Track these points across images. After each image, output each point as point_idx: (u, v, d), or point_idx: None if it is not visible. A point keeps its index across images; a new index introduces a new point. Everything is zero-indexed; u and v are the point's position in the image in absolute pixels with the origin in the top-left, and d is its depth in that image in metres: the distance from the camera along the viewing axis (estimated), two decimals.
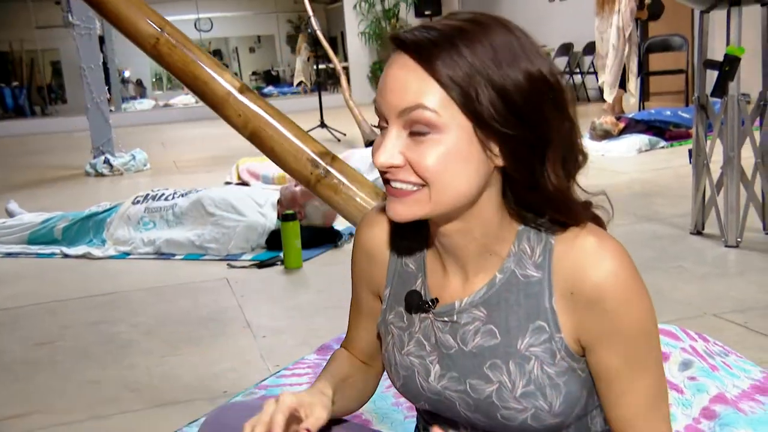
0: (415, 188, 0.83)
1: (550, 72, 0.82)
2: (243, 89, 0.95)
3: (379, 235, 1.00)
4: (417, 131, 0.81)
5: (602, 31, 6.38)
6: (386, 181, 0.85)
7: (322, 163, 0.95)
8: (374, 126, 0.83)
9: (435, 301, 0.93)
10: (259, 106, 0.94)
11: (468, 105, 0.79)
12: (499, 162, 0.83)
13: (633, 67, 6.25)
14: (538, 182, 0.83)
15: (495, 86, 0.79)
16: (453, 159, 0.81)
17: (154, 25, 0.95)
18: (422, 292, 0.95)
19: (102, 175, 6.59)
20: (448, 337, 0.92)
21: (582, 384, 0.89)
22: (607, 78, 6.31)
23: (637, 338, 0.85)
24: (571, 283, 0.85)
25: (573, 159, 0.85)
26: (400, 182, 0.83)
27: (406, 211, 0.84)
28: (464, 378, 0.91)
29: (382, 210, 1.01)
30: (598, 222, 0.90)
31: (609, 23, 6.24)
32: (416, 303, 0.94)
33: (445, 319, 0.92)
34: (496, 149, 0.82)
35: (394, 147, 0.82)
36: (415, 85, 0.80)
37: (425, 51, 0.79)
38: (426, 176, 0.81)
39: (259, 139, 0.95)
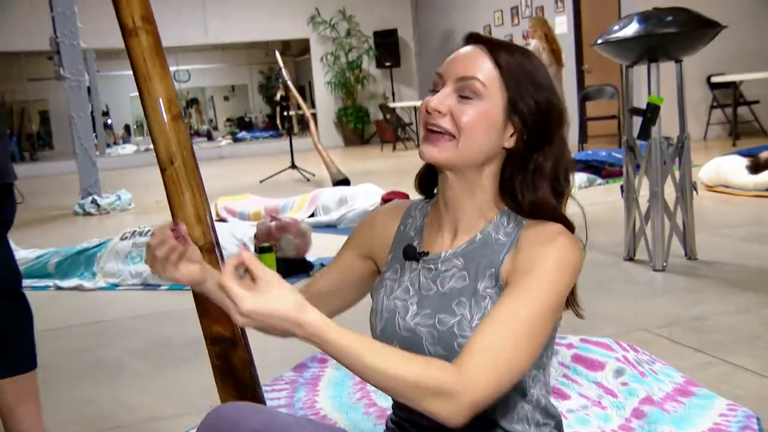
0: (446, 137, 0.99)
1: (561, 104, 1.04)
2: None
3: (391, 221, 1.15)
4: (465, 95, 0.99)
5: None
6: (426, 128, 1.01)
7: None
8: (429, 90, 1.03)
9: (426, 253, 1.07)
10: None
11: (509, 87, 0.99)
12: (509, 144, 1.01)
13: None
14: (529, 173, 1.00)
15: (534, 85, 1.00)
16: (482, 121, 0.99)
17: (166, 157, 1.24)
18: (417, 247, 1.09)
19: (90, 214, 6.54)
20: (430, 282, 1.05)
21: None
22: None
23: (530, 274, 0.94)
24: (523, 245, 1.00)
25: (562, 173, 1.03)
26: (437, 127, 0.99)
27: (437, 153, 1.00)
28: (435, 313, 1.02)
29: (403, 205, 1.17)
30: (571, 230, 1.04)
31: None
32: (411, 252, 1.07)
33: (431, 266, 1.05)
34: (510, 131, 1.01)
35: (445, 99, 1.00)
36: (476, 63, 1.00)
37: (494, 44, 1.01)
38: (460, 126, 0.98)
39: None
